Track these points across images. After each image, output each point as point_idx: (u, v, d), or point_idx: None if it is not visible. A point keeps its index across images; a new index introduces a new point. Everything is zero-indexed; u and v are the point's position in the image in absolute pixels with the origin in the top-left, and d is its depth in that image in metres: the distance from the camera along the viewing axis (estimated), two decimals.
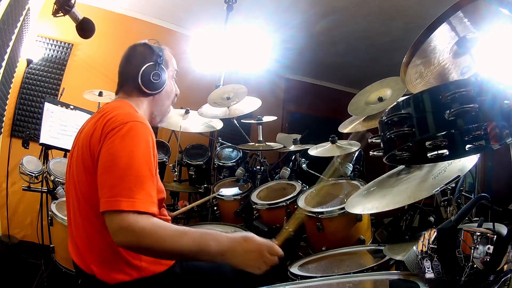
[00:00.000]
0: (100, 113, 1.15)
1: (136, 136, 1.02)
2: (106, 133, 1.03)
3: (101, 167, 1.00)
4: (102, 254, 1.07)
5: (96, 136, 1.05)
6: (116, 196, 0.93)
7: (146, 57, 1.26)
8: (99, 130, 1.05)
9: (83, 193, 1.08)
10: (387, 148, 1.09)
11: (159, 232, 0.94)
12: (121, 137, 1.00)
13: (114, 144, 1.00)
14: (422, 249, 0.92)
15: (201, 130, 2.93)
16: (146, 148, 1.02)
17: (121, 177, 0.96)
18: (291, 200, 2.19)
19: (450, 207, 1.31)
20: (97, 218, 1.03)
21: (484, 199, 0.99)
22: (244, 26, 3.91)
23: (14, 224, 3.17)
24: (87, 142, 1.07)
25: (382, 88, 2.24)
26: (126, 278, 1.06)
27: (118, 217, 0.92)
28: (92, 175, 1.04)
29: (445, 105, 0.91)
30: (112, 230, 0.92)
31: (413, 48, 1.09)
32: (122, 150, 0.99)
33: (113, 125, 1.03)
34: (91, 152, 1.05)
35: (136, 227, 0.91)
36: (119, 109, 1.12)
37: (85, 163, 1.07)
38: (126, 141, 1.00)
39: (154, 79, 1.24)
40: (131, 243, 0.92)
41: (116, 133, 1.01)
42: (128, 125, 1.03)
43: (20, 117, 3.52)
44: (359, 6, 3.82)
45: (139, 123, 1.05)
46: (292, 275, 1.58)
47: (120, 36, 4.04)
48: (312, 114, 5.94)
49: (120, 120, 1.04)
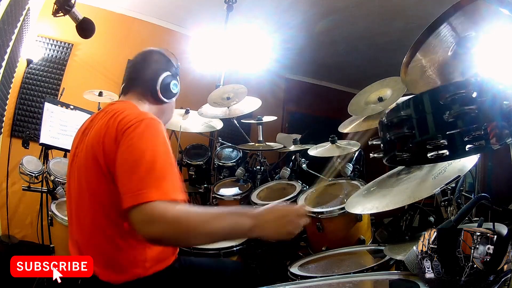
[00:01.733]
0: (108, 113, 1.14)
1: (155, 131, 1.03)
2: (123, 131, 1.02)
3: (123, 165, 0.99)
4: (106, 255, 1.06)
5: (110, 136, 1.04)
6: (143, 188, 0.92)
7: (165, 66, 1.28)
8: (113, 130, 1.04)
9: (91, 193, 1.07)
10: (387, 150, 1.09)
11: (191, 217, 0.94)
12: (139, 133, 1.01)
13: (133, 141, 1.00)
14: (422, 249, 0.92)
15: (201, 130, 2.93)
16: (164, 143, 1.04)
17: (146, 171, 0.95)
18: (291, 200, 2.19)
19: (450, 207, 1.31)
20: (105, 218, 1.03)
21: (484, 199, 0.99)
22: (244, 26, 3.91)
23: (14, 224, 3.16)
24: (99, 142, 1.06)
25: (382, 88, 2.24)
26: (130, 278, 1.06)
27: (148, 208, 0.90)
28: (103, 175, 1.03)
29: (445, 106, 0.91)
30: (142, 223, 0.91)
31: (413, 48, 1.09)
32: (143, 145, 1.00)
33: (129, 123, 1.03)
34: (105, 152, 1.04)
35: (169, 215, 0.90)
36: (130, 109, 1.13)
37: (96, 164, 1.05)
38: (145, 137, 1.01)
39: (173, 88, 1.27)
40: (165, 233, 0.91)
41: (134, 130, 1.01)
42: (144, 122, 1.03)
43: (20, 117, 3.52)
44: (359, 6, 3.82)
45: (154, 119, 1.07)
46: (292, 275, 1.58)
47: (120, 36, 4.04)
48: (312, 114, 5.94)
49: (135, 118, 1.05)
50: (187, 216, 0.94)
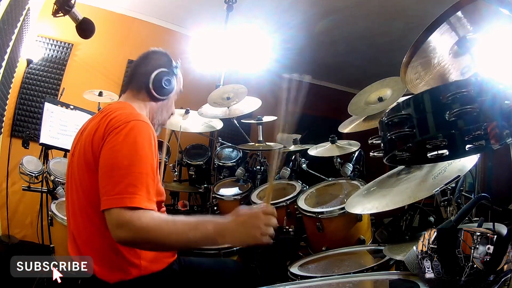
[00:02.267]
0: (102, 113, 1.16)
1: (139, 134, 1.03)
2: (109, 131, 1.03)
3: (103, 165, 1.01)
4: (102, 253, 1.07)
5: (98, 134, 1.06)
6: (116, 194, 0.94)
7: (162, 63, 1.28)
8: (102, 128, 1.06)
9: (84, 191, 1.08)
10: (387, 149, 1.09)
11: (160, 228, 0.95)
12: (124, 135, 1.01)
13: (117, 142, 1.01)
14: (422, 249, 0.92)
15: (201, 130, 2.93)
16: (148, 147, 1.03)
17: (122, 176, 0.97)
18: (291, 200, 2.19)
19: (450, 207, 1.31)
20: (98, 217, 1.03)
21: (484, 199, 0.99)
22: (244, 26, 3.91)
23: (14, 224, 3.16)
24: (89, 140, 1.08)
25: (382, 88, 2.24)
26: (126, 276, 1.06)
27: (117, 213, 0.92)
28: (93, 173, 1.04)
29: (446, 105, 0.91)
30: (112, 226, 0.93)
31: (413, 48, 1.09)
32: (124, 149, 1.00)
33: (116, 124, 1.04)
34: (93, 150, 1.05)
35: (138, 222, 0.92)
36: (122, 109, 1.13)
37: (87, 161, 1.07)
38: (128, 140, 1.01)
39: (165, 84, 1.25)
40: (134, 239, 0.93)
41: (119, 132, 1.02)
42: (130, 123, 1.03)
43: (20, 117, 3.52)
44: (359, 6, 3.82)
45: (141, 122, 1.06)
46: (292, 275, 1.58)
47: (120, 36, 4.04)
48: (312, 114, 5.94)
49: (123, 119, 1.05)
50: (156, 226, 0.94)
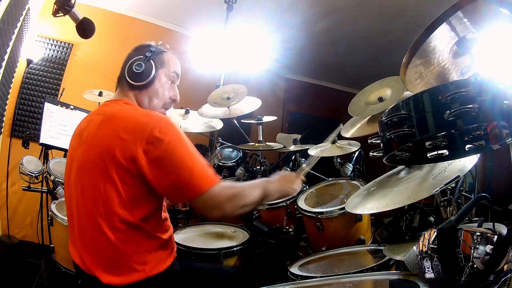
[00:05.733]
0: (106, 115, 1.15)
1: (172, 128, 1.09)
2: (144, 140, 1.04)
3: (163, 168, 1.05)
4: (107, 258, 1.06)
5: (125, 144, 1.04)
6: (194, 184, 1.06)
7: (139, 53, 1.28)
8: (124, 136, 1.05)
9: (92, 198, 1.06)
10: (387, 149, 1.09)
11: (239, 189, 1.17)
12: (169, 136, 1.06)
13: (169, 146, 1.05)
14: (422, 249, 0.92)
15: (201, 130, 2.93)
16: (183, 135, 1.11)
17: (190, 168, 1.06)
18: (291, 200, 2.19)
19: (450, 207, 1.31)
20: (105, 223, 1.04)
21: (484, 199, 0.99)
22: (244, 26, 3.91)
23: (14, 224, 3.16)
24: (108, 149, 1.05)
25: (382, 88, 2.23)
26: (130, 281, 1.06)
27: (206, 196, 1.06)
28: (111, 181, 1.04)
29: (445, 105, 0.91)
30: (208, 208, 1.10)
31: (413, 48, 1.09)
32: (177, 147, 1.07)
33: (147, 132, 1.05)
34: (125, 158, 1.03)
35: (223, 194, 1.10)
36: (132, 110, 1.17)
37: (103, 170, 1.05)
38: (173, 139, 1.07)
39: (136, 69, 1.24)
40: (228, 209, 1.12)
41: (159, 137, 1.04)
42: (162, 122, 1.08)
43: (20, 117, 3.52)
44: (359, 6, 3.82)
45: (164, 117, 1.11)
46: (292, 275, 1.58)
47: (120, 36, 4.04)
48: (312, 114, 5.94)
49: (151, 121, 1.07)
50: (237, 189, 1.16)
